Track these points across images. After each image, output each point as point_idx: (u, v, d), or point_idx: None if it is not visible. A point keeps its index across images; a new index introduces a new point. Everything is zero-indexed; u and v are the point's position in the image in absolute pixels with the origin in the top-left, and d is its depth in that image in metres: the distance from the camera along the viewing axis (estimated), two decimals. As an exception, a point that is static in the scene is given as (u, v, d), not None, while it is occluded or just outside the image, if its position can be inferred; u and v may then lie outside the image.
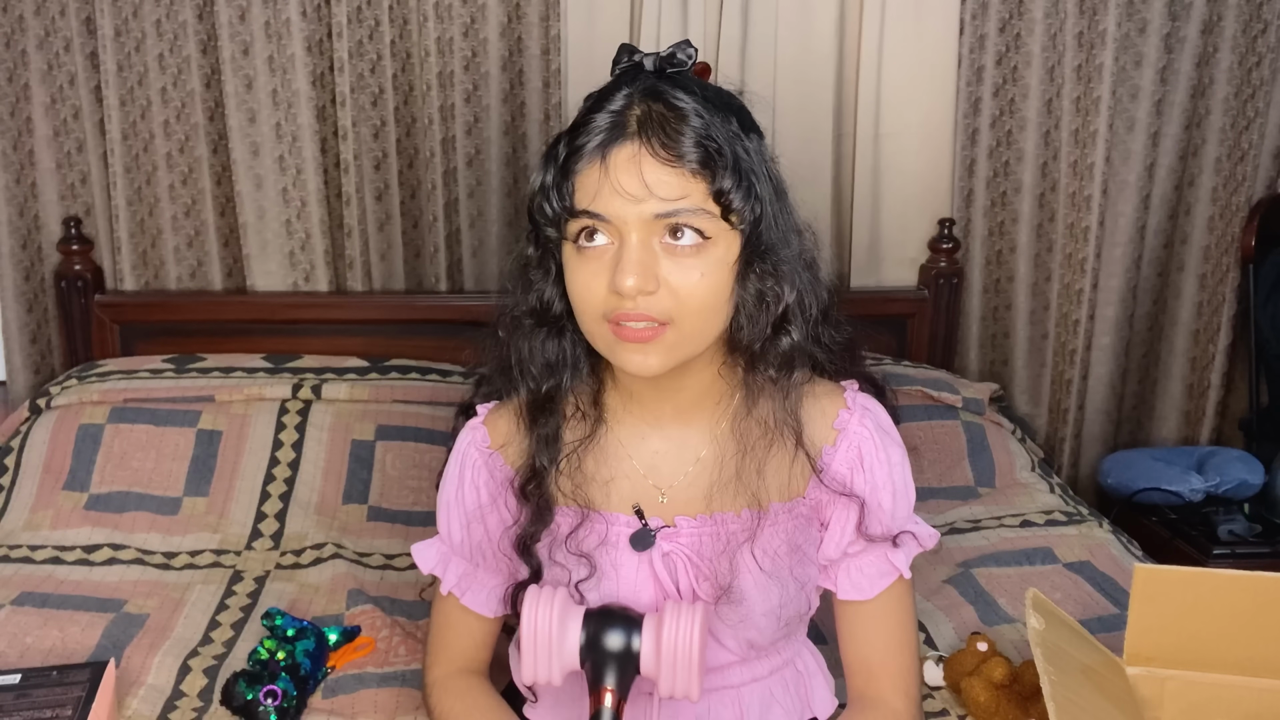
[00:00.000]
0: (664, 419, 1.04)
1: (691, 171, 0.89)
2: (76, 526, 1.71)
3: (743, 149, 0.93)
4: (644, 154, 0.90)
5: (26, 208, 2.07)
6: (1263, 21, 2.13)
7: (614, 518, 1.04)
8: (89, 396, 1.87)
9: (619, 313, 0.91)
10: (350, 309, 2.10)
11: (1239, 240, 2.20)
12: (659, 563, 1.03)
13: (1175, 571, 1.12)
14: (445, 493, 1.10)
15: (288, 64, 2.01)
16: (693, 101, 0.91)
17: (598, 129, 0.91)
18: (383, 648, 1.41)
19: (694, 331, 0.93)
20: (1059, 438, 2.31)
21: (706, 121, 0.90)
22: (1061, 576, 1.61)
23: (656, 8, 2.05)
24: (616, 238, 0.91)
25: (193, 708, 1.28)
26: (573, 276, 0.94)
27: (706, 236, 0.91)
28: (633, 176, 0.89)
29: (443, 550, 1.11)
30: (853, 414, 1.05)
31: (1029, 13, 2.13)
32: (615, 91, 0.93)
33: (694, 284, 0.91)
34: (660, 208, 0.89)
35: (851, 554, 1.06)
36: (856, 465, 1.04)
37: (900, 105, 2.14)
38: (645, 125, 0.90)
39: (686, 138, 0.89)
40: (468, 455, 1.08)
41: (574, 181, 0.92)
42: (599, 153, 0.91)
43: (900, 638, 1.08)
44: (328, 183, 2.09)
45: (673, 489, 1.05)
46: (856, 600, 1.07)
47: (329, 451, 1.84)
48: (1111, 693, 1.05)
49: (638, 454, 1.05)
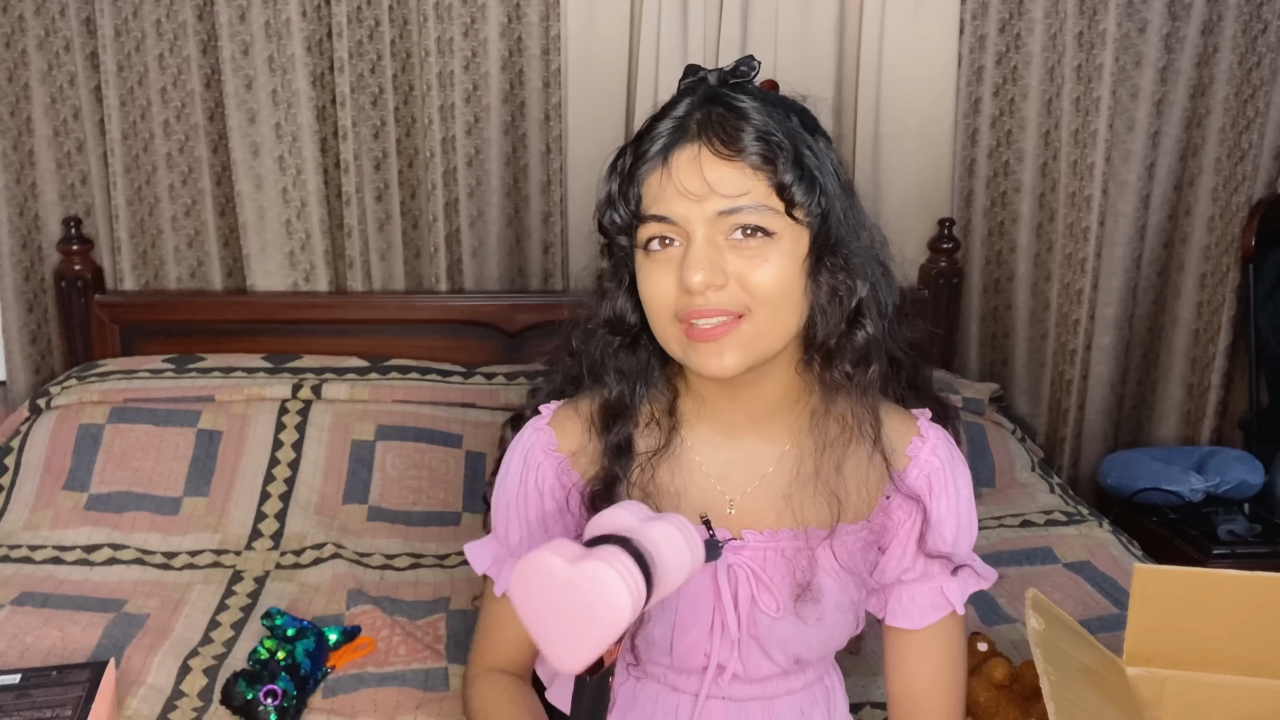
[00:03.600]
0: (737, 427, 1.02)
1: (753, 167, 0.90)
2: (76, 526, 1.71)
3: (806, 146, 0.93)
4: (704, 153, 0.90)
5: (26, 208, 2.07)
6: (1263, 21, 2.13)
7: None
8: (89, 396, 1.87)
9: (690, 310, 0.90)
10: (350, 309, 2.10)
11: (1239, 240, 2.20)
12: (722, 574, 1.02)
13: (1175, 571, 1.11)
14: (505, 493, 1.05)
15: (288, 64, 2.01)
16: (752, 101, 0.92)
17: (660, 134, 0.92)
18: (383, 648, 1.41)
19: (769, 324, 0.92)
20: (1059, 438, 2.31)
21: (766, 119, 0.91)
22: (1061, 576, 1.61)
23: (656, 8, 2.05)
24: (684, 239, 0.91)
25: (193, 707, 1.28)
26: (644, 280, 0.94)
27: (771, 233, 0.90)
28: (694, 176, 0.90)
29: (498, 551, 1.07)
30: (925, 441, 1.04)
31: (1029, 13, 2.13)
32: (679, 101, 0.94)
33: (764, 274, 0.90)
34: (723, 204, 0.89)
35: (906, 580, 1.05)
36: (925, 491, 1.04)
37: (900, 105, 2.14)
38: (705, 126, 0.91)
39: (746, 134, 0.90)
40: (532, 455, 1.04)
41: (640, 188, 0.93)
42: (661, 156, 0.92)
43: (947, 675, 1.06)
44: (328, 183, 2.09)
45: (742, 499, 1.03)
46: (905, 629, 1.05)
47: (329, 451, 1.84)
48: (1111, 693, 1.05)
49: (709, 462, 1.03)
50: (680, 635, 1.02)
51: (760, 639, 1.02)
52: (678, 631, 1.02)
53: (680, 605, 1.01)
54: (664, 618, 1.02)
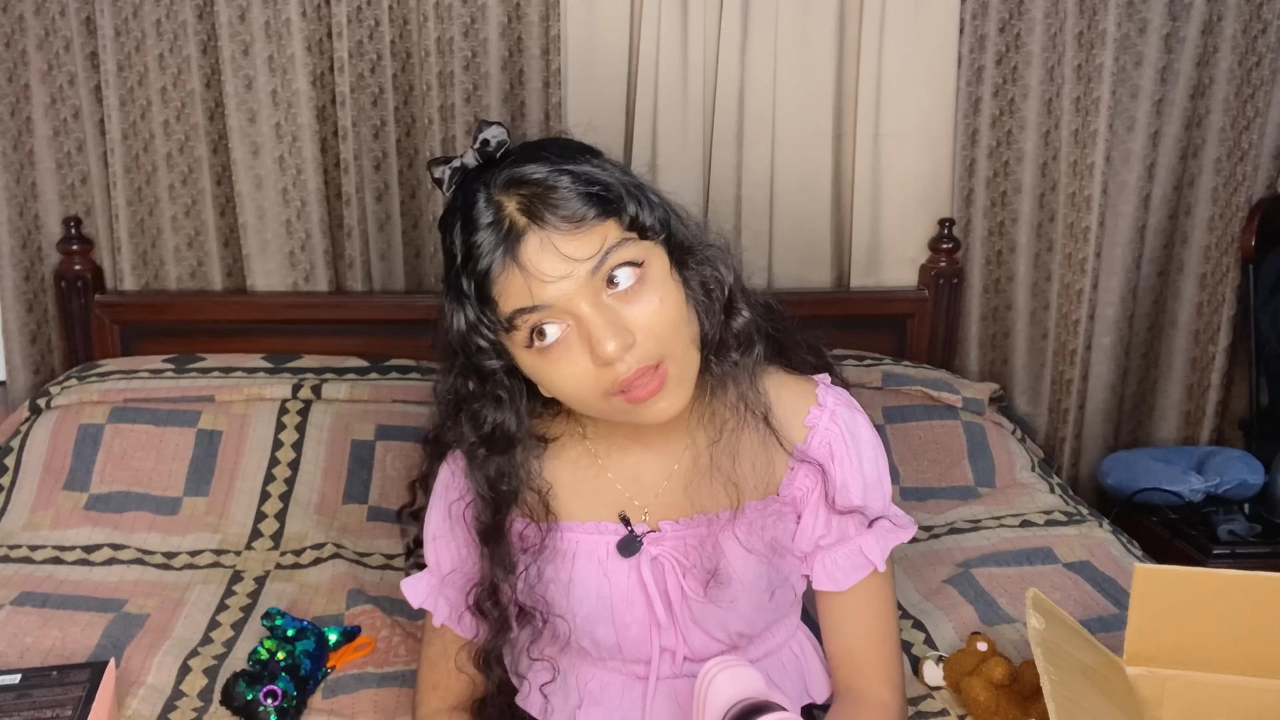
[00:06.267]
0: (645, 430, 1.03)
1: (597, 220, 0.89)
2: (76, 526, 1.70)
3: (606, 172, 0.93)
4: (549, 237, 0.88)
5: (26, 208, 2.07)
6: (1263, 21, 2.13)
7: (603, 526, 1.06)
8: (89, 396, 1.87)
9: (620, 381, 0.90)
10: (350, 309, 2.10)
11: (1239, 240, 2.20)
12: (646, 568, 1.04)
13: (1175, 571, 1.12)
14: (431, 527, 1.10)
15: (288, 64, 2.01)
16: (546, 166, 0.91)
17: (490, 246, 0.89)
18: (383, 648, 1.42)
19: (685, 353, 0.94)
20: (1059, 438, 2.31)
21: (568, 173, 0.90)
22: (1061, 576, 1.61)
23: (656, 8, 2.05)
24: (568, 319, 0.90)
25: (193, 708, 1.28)
26: (553, 378, 0.93)
27: (639, 264, 0.91)
28: (552, 259, 0.88)
29: (432, 583, 1.10)
30: (824, 410, 1.06)
31: (1029, 13, 2.13)
32: (471, 204, 0.92)
33: (658, 311, 0.91)
34: (589, 265, 0.88)
35: (824, 546, 1.07)
36: (828, 458, 1.06)
37: (900, 105, 2.14)
38: (529, 211, 0.89)
39: (571, 199, 0.88)
40: (450, 488, 1.08)
41: (496, 304, 0.91)
42: (505, 258, 0.89)
43: (880, 629, 1.09)
44: (328, 183, 2.09)
45: (656, 496, 1.06)
46: (833, 591, 1.08)
47: (329, 451, 1.84)
48: (1111, 693, 1.05)
49: (618, 471, 1.06)
50: (623, 631, 1.04)
51: (698, 621, 1.05)
52: (619, 629, 1.04)
53: (614, 603, 1.04)
54: (602, 618, 1.04)
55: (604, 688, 1.09)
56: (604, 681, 1.09)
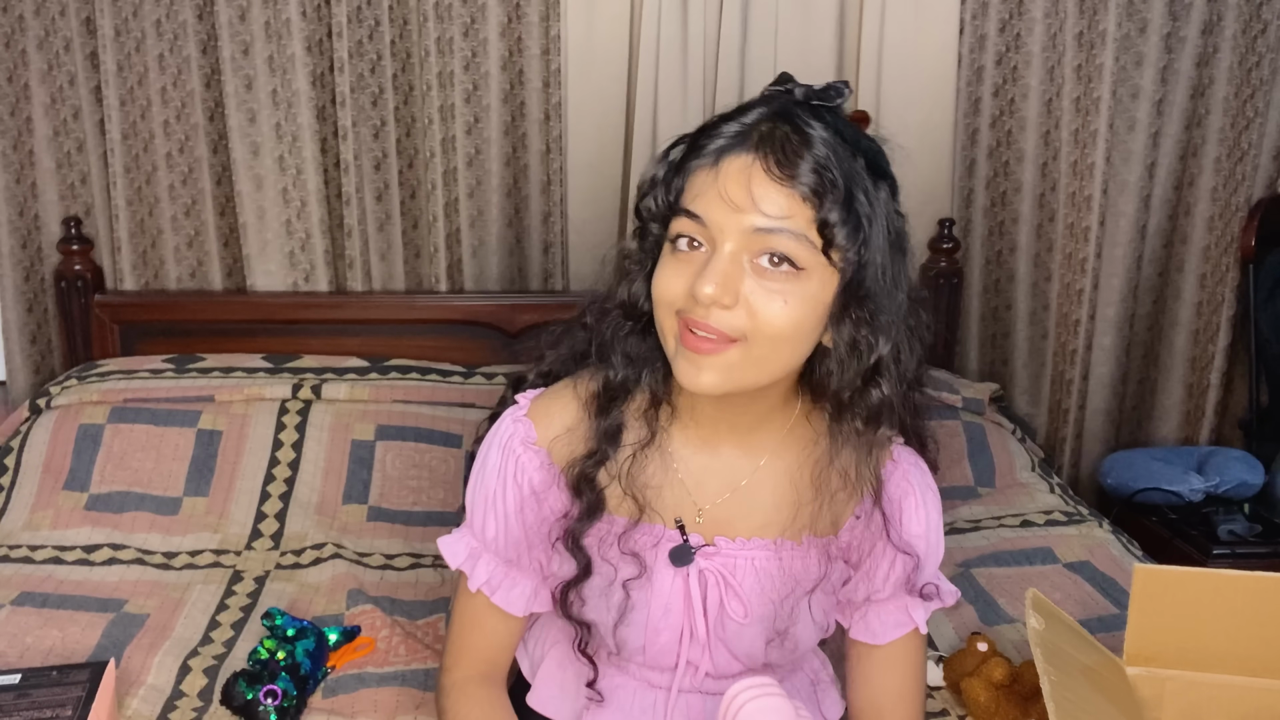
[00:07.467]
0: (719, 438, 1.02)
1: (801, 196, 0.87)
2: (76, 526, 1.70)
3: (862, 190, 0.90)
4: (757, 167, 0.87)
5: (26, 208, 2.07)
6: (1263, 21, 2.13)
7: (657, 529, 1.03)
8: (89, 396, 1.87)
9: (690, 317, 0.89)
10: (350, 309, 2.10)
11: (1239, 240, 2.20)
12: (694, 579, 1.03)
13: (1175, 571, 1.12)
14: (483, 487, 1.03)
15: (288, 64, 2.01)
16: (822, 130, 0.89)
17: (721, 135, 0.90)
18: (383, 648, 1.42)
19: (762, 357, 0.90)
20: (1059, 438, 2.31)
21: (829, 152, 0.88)
22: (1061, 576, 1.61)
23: (656, 8, 2.05)
24: (711, 246, 0.89)
25: (193, 708, 1.28)
26: (661, 271, 0.92)
27: (800, 267, 0.88)
28: (740, 186, 0.87)
29: (473, 545, 1.05)
30: (897, 466, 1.05)
31: (1029, 13, 2.13)
32: (752, 107, 0.92)
33: (775, 310, 0.87)
34: (761, 222, 0.87)
35: (876, 600, 1.07)
36: (895, 519, 1.04)
37: (900, 105, 2.14)
38: (766, 141, 0.88)
39: (804, 161, 0.87)
40: (510, 448, 1.02)
41: (685, 181, 0.91)
42: (714, 157, 0.89)
43: (910, 689, 1.09)
44: (328, 183, 2.09)
45: (713, 508, 1.04)
46: (869, 644, 1.08)
47: (329, 451, 1.84)
48: (1111, 693, 1.05)
49: (686, 467, 1.03)
50: (653, 637, 1.03)
51: (727, 642, 1.04)
52: (649, 634, 1.03)
53: (652, 608, 1.03)
54: (637, 620, 1.03)
55: (615, 689, 1.08)
56: (616, 683, 1.08)
